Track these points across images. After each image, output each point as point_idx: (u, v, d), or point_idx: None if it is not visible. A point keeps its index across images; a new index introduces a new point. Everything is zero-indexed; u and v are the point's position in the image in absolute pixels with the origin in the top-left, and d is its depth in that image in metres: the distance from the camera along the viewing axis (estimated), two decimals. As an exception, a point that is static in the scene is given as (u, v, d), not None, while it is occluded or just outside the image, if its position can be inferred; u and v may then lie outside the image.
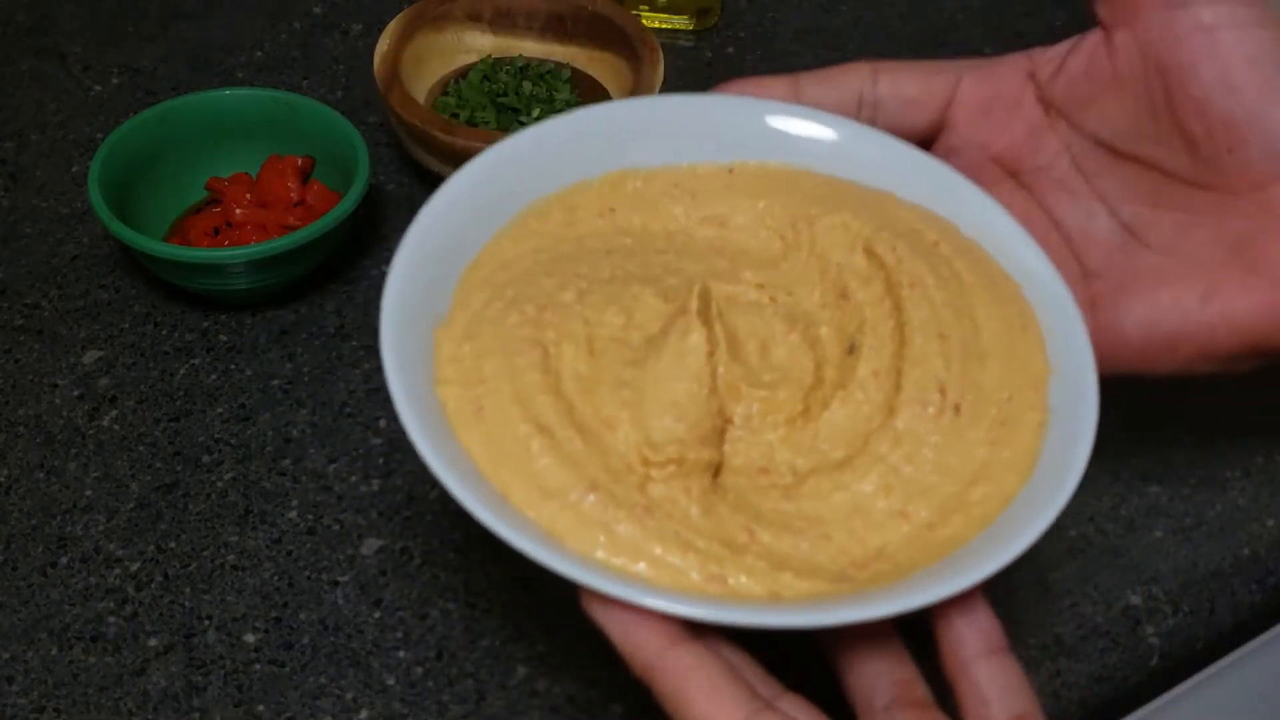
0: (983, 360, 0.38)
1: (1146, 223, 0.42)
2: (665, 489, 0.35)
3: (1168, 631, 0.46)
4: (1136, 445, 0.51)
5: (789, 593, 0.34)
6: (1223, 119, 0.39)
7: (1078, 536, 0.48)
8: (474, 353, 0.37)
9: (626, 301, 0.39)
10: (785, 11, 0.74)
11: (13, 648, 0.44)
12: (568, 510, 0.35)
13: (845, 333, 0.40)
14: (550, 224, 0.42)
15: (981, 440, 0.37)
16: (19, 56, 0.69)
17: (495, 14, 0.64)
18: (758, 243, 0.42)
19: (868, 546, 0.36)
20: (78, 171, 0.62)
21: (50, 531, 0.48)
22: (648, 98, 0.45)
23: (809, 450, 0.38)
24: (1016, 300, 0.40)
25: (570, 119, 0.43)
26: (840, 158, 0.43)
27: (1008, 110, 0.45)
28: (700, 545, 0.34)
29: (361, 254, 0.58)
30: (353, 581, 0.46)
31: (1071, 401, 0.38)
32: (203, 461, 0.50)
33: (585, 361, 0.37)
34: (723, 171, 0.43)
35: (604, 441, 0.36)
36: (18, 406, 0.52)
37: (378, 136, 0.64)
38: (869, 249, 0.41)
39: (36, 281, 0.57)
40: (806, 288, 0.41)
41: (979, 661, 0.34)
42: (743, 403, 0.38)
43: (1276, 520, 0.49)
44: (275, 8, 0.72)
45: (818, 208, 0.42)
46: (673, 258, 0.41)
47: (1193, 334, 0.40)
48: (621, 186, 0.43)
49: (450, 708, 0.43)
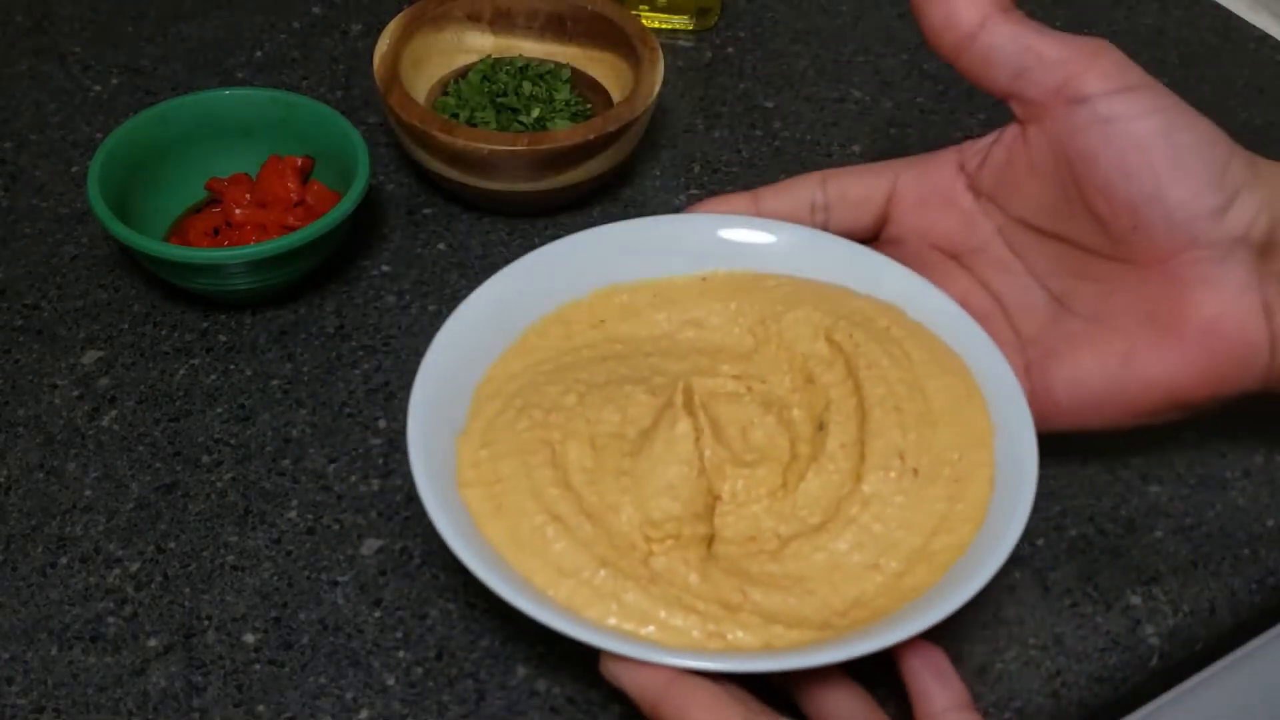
0: (934, 427, 0.44)
1: (1072, 293, 0.46)
2: (666, 561, 0.41)
3: (1168, 631, 0.46)
4: (1136, 445, 0.51)
5: (780, 642, 0.39)
6: (1125, 202, 0.43)
7: (1078, 536, 0.48)
8: (491, 456, 0.43)
9: (621, 401, 0.44)
10: (785, 11, 0.74)
11: (13, 648, 0.44)
12: (583, 586, 0.40)
13: (814, 412, 0.46)
14: (549, 339, 0.48)
15: (939, 496, 0.42)
16: (18, 56, 0.69)
17: (495, 14, 0.64)
18: (732, 340, 0.48)
19: (846, 597, 0.41)
20: (77, 172, 0.62)
21: (50, 531, 0.47)
22: (626, 222, 0.50)
23: (790, 518, 0.43)
24: (960, 371, 0.46)
25: (560, 246, 0.49)
26: (798, 259, 0.50)
27: (943, 201, 0.49)
28: (700, 607, 0.39)
29: (361, 254, 0.58)
30: (352, 581, 0.46)
31: (1014, 455, 0.43)
32: (202, 461, 0.50)
33: (589, 456, 0.43)
34: (697, 280, 0.49)
35: (609, 524, 0.41)
36: (17, 407, 0.52)
37: (378, 136, 0.64)
38: (829, 337, 0.47)
39: (36, 282, 0.57)
40: (777, 375, 0.47)
41: (949, 714, 0.39)
42: (729, 481, 0.43)
43: (1276, 520, 0.49)
44: (275, 8, 0.72)
45: (782, 305, 0.48)
46: (659, 359, 0.47)
47: (1116, 394, 0.45)
48: (610, 300, 0.49)
49: (450, 708, 0.43)
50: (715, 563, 0.41)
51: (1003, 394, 0.44)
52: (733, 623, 0.39)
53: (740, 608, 0.40)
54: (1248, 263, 0.43)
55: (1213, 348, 0.43)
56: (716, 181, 0.63)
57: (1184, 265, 0.43)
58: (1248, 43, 0.73)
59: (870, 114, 0.67)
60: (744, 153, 0.64)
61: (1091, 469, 0.51)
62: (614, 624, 0.39)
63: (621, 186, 0.62)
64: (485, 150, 0.55)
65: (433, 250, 0.59)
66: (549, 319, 0.48)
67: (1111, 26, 0.74)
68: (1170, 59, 0.72)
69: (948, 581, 0.40)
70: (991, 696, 0.44)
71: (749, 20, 0.73)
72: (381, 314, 0.56)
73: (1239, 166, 0.43)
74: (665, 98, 0.67)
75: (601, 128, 0.56)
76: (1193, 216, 0.43)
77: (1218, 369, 0.43)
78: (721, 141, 0.65)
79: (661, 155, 0.64)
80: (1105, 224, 0.44)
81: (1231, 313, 0.43)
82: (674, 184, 0.62)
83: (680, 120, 0.66)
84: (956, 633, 0.45)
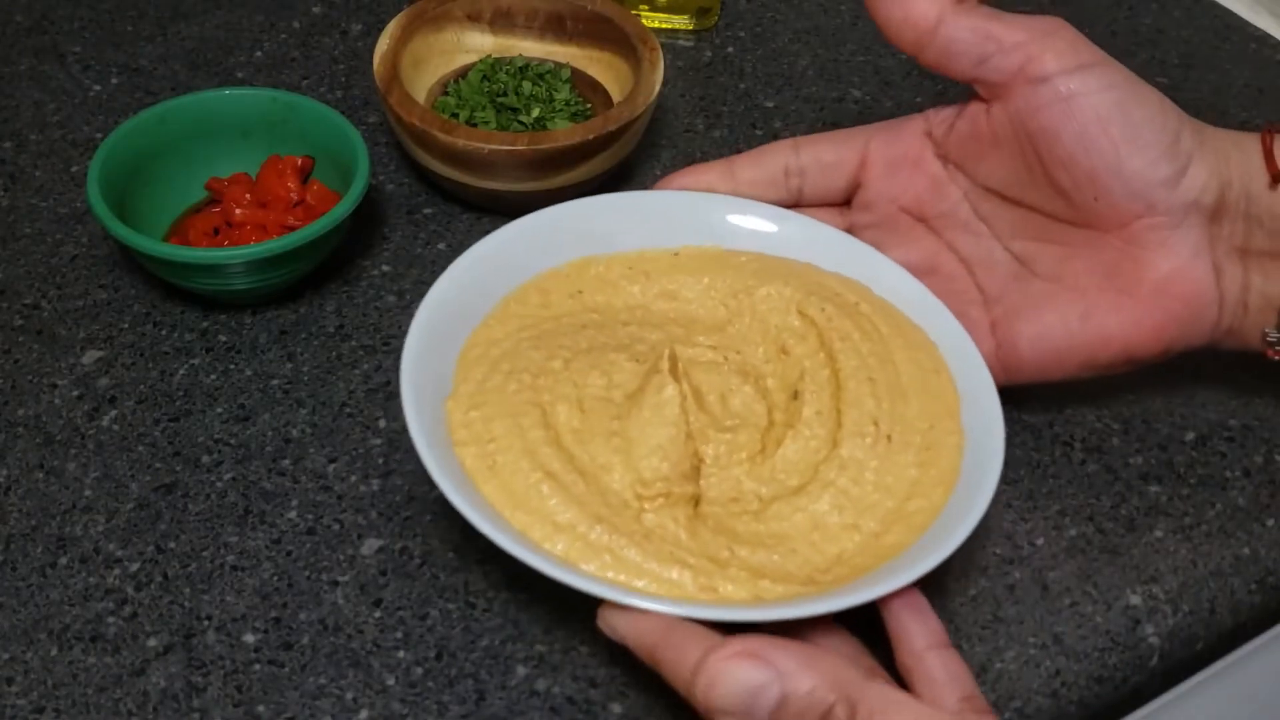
0: (905, 397, 0.46)
1: (1034, 255, 0.49)
2: (656, 518, 0.42)
3: (1168, 631, 0.46)
4: (1136, 445, 0.51)
5: (769, 595, 0.41)
6: (1086, 174, 0.46)
7: (1078, 536, 0.48)
8: (483, 418, 0.44)
9: (605, 366, 0.46)
10: (785, 11, 0.74)
11: (12, 648, 0.44)
12: (578, 540, 0.41)
13: (788, 382, 0.48)
14: (528, 307, 0.49)
15: (912, 462, 0.44)
16: (18, 56, 0.69)
17: (495, 14, 0.64)
18: (706, 311, 0.50)
19: (828, 555, 0.43)
20: (77, 171, 0.62)
21: (50, 532, 0.47)
22: (601, 196, 0.52)
23: (770, 480, 0.45)
24: (926, 346, 0.48)
25: (537, 218, 0.50)
26: (767, 238, 0.51)
27: (911, 166, 0.51)
28: (691, 561, 0.41)
29: (361, 254, 0.58)
30: (352, 581, 0.46)
31: (982, 425, 0.45)
32: (202, 462, 0.50)
33: (578, 418, 0.44)
34: (670, 254, 0.51)
35: (602, 482, 0.43)
36: (17, 407, 0.52)
37: (377, 136, 0.64)
38: (802, 311, 0.49)
39: (36, 281, 0.57)
40: (751, 347, 0.49)
41: (930, 653, 0.39)
42: (711, 445, 0.45)
43: (1276, 520, 0.49)
44: (275, 7, 0.72)
45: (754, 279, 0.50)
46: (636, 328, 0.49)
47: (1076, 348, 0.47)
48: (585, 271, 0.51)
49: (450, 708, 0.43)
50: (702, 521, 0.43)
51: (967, 366, 0.47)
52: (723, 577, 0.41)
53: (729, 563, 0.42)
54: (1200, 227, 0.46)
55: (1166, 306, 0.46)
56: (716, 181, 0.62)
57: (1141, 230, 0.46)
58: (1248, 43, 0.73)
59: (870, 114, 0.67)
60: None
61: (1091, 468, 0.51)
62: (611, 577, 0.40)
63: (621, 186, 0.62)
64: (485, 150, 0.55)
65: (433, 250, 0.59)
66: (527, 287, 0.50)
67: (1111, 27, 0.74)
68: (1170, 59, 0.71)
69: (925, 541, 0.42)
70: (991, 696, 0.44)
71: (749, 20, 0.73)
72: (381, 314, 0.56)
73: (1189, 136, 0.46)
74: (665, 98, 0.67)
75: (601, 128, 0.56)
76: (1149, 185, 0.45)
77: (1170, 325, 0.46)
78: (721, 141, 0.65)
79: (661, 155, 0.64)
80: (1067, 194, 0.47)
81: (1184, 274, 0.46)
82: (674, 184, 0.62)
83: (680, 120, 0.66)
84: (957, 632, 0.45)
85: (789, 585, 0.41)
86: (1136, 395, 0.54)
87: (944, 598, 0.46)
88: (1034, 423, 0.52)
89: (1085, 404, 0.53)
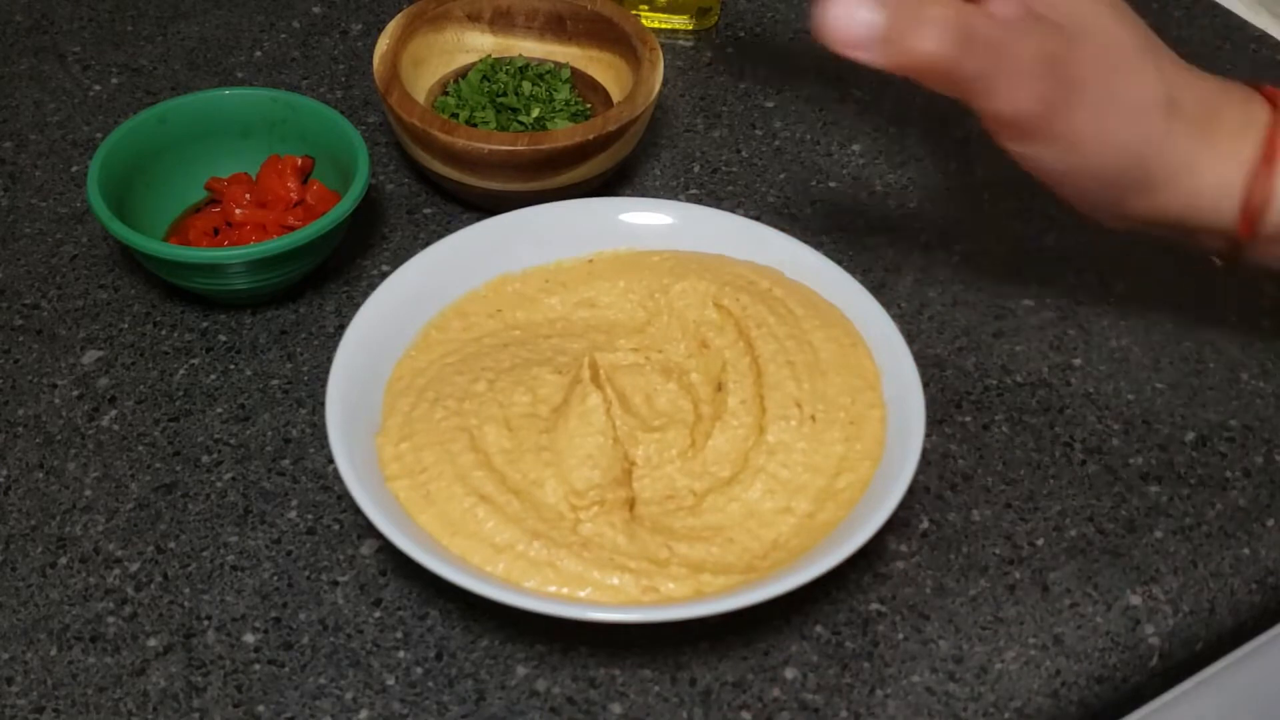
0: (825, 375, 0.47)
1: None
2: (594, 526, 0.43)
3: (1168, 632, 0.46)
4: (1136, 445, 0.51)
5: (709, 589, 0.42)
6: None
7: (1077, 536, 0.48)
8: (412, 448, 0.45)
9: (529, 382, 0.47)
10: (785, 11, 0.74)
11: (12, 648, 0.44)
12: (519, 559, 0.42)
13: (711, 374, 0.49)
14: (450, 332, 0.50)
15: (838, 439, 0.46)
16: (18, 56, 0.69)
17: (495, 14, 0.64)
18: (625, 315, 0.51)
19: (764, 540, 0.44)
20: (77, 171, 0.62)
21: (50, 531, 0.47)
22: (512, 213, 0.53)
23: (702, 474, 0.46)
24: (841, 322, 0.49)
25: (450, 241, 0.51)
26: (676, 235, 0.53)
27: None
28: (632, 565, 0.42)
29: (361, 254, 0.58)
30: (352, 581, 0.46)
31: (901, 395, 0.46)
32: (202, 462, 0.50)
33: (506, 437, 0.45)
34: (584, 263, 0.52)
35: (535, 498, 0.44)
36: (17, 406, 0.52)
37: (377, 136, 0.64)
38: (717, 303, 0.50)
39: (36, 281, 0.57)
40: (672, 344, 0.50)
41: None
42: (641, 446, 0.46)
43: (1276, 520, 0.49)
44: (275, 7, 0.72)
45: (668, 278, 0.51)
46: (558, 340, 0.50)
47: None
48: (503, 289, 0.52)
49: (450, 708, 0.43)
50: (639, 523, 0.44)
51: (883, 339, 0.48)
52: (664, 576, 0.42)
53: (668, 562, 0.42)
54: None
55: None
56: (716, 181, 0.62)
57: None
58: (1248, 43, 0.73)
59: (870, 114, 0.67)
60: (744, 152, 0.64)
61: (1091, 468, 0.51)
62: (553, 591, 0.41)
63: (621, 186, 0.62)
64: (485, 150, 0.55)
65: (433, 250, 0.59)
66: (447, 312, 0.51)
67: (1111, 26, 0.74)
68: (1170, 59, 0.71)
69: (855, 516, 0.43)
70: (991, 696, 0.44)
71: (749, 20, 0.73)
72: (381, 314, 0.56)
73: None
74: (665, 98, 0.67)
75: (601, 128, 0.56)
76: None
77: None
78: (721, 141, 0.65)
79: (661, 155, 0.64)
80: None
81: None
82: (674, 184, 0.62)
83: (680, 120, 0.66)
84: (957, 632, 0.45)
85: (729, 576, 0.42)
86: (1137, 395, 0.54)
87: (944, 598, 0.46)
88: (1034, 423, 0.52)
89: (1085, 404, 0.53)
